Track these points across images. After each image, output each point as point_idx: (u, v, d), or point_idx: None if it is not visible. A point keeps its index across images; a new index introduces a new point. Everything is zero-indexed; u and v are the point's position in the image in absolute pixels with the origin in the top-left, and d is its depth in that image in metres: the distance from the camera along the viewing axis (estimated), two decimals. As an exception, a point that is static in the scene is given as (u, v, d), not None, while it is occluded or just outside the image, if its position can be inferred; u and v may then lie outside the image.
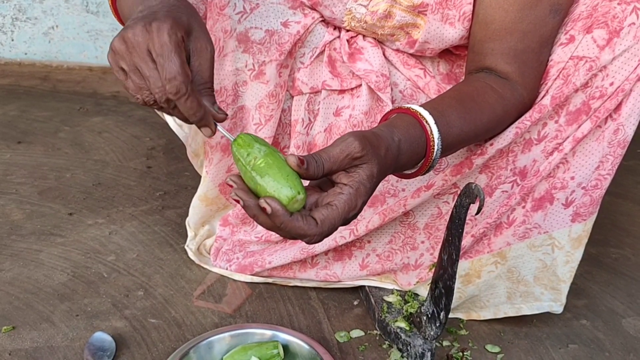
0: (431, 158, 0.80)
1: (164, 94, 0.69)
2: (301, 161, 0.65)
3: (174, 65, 0.68)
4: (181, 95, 0.69)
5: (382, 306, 1.05)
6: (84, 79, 2.29)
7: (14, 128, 1.79)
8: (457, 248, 0.84)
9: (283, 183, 0.64)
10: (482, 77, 0.91)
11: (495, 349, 1.01)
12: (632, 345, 1.04)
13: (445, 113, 0.82)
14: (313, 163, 0.66)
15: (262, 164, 0.66)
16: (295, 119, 1.04)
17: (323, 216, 0.65)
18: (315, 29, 1.03)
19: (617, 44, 0.86)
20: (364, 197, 0.68)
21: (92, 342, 0.94)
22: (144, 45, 0.69)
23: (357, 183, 0.68)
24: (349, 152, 0.68)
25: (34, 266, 1.14)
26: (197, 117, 0.72)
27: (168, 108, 0.72)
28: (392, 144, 0.74)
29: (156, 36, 0.69)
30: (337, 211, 0.66)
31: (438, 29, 0.95)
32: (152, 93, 0.70)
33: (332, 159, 0.67)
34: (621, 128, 0.90)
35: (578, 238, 0.97)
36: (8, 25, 2.37)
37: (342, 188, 0.68)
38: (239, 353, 0.89)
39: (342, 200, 0.67)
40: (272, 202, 0.63)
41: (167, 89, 0.69)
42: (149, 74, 0.69)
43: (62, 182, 1.48)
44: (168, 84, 0.69)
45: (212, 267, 1.16)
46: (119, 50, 0.70)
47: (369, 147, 0.69)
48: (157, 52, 0.69)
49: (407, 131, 0.77)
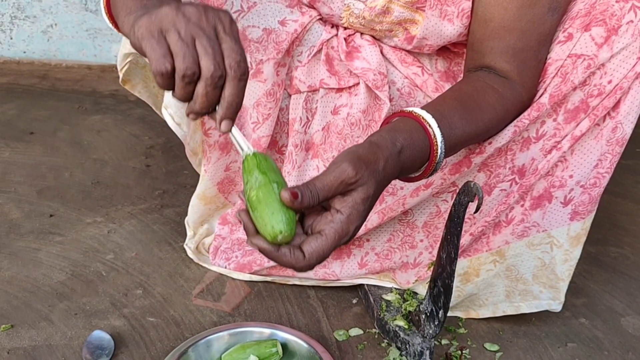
0: (435, 161, 0.80)
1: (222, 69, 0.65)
2: (294, 195, 0.65)
3: (242, 47, 0.67)
4: (244, 78, 0.66)
5: (381, 305, 1.05)
6: (83, 78, 2.29)
7: (13, 127, 1.78)
8: (455, 246, 0.84)
9: (267, 221, 0.66)
10: (482, 76, 0.91)
11: (494, 347, 1.01)
12: (631, 344, 1.04)
13: (447, 115, 0.82)
14: (307, 194, 0.66)
15: (254, 198, 0.68)
16: (293, 117, 1.04)
17: (311, 249, 0.67)
18: (312, 28, 1.02)
19: (616, 41, 0.85)
20: (357, 222, 0.69)
21: (91, 341, 0.94)
22: (212, 21, 0.66)
23: (349, 209, 0.68)
24: (343, 179, 0.68)
25: (33, 265, 1.14)
26: (237, 106, 0.68)
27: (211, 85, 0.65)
28: (394, 152, 0.74)
29: (228, 19, 0.67)
30: (326, 241, 0.67)
31: (436, 25, 0.95)
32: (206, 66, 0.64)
33: (326, 187, 0.67)
34: (619, 126, 0.89)
35: (577, 236, 0.97)
36: (7, 23, 2.37)
37: (333, 215, 0.68)
38: (237, 352, 0.89)
39: (333, 229, 0.67)
40: (257, 241, 0.67)
41: (234, 67, 0.65)
42: (213, 47, 0.64)
43: (60, 181, 1.47)
44: (237, 62, 0.65)
45: (211, 266, 1.16)
46: (171, 15, 0.64)
47: (363, 169, 0.69)
48: (227, 32, 0.66)
49: (410, 136, 0.77)
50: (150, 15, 0.65)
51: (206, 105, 0.67)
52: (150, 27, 0.64)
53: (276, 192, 0.67)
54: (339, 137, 1.02)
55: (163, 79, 0.65)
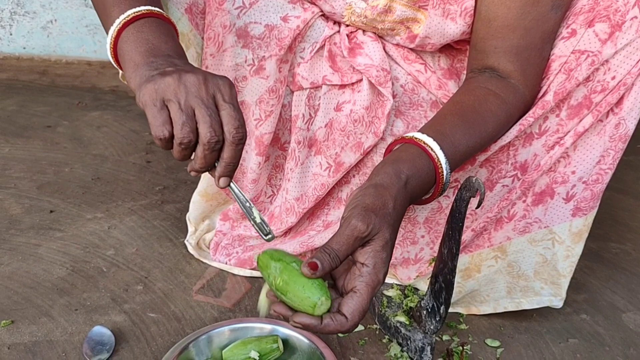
0: (441, 184, 0.81)
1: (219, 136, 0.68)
2: (313, 267, 0.68)
3: (241, 114, 0.70)
4: (242, 142, 0.70)
5: (382, 300, 1.04)
6: (83, 74, 2.29)
7: (13, 123, 1.78)
8: (457, 242, 0.84)
9: (302, 296, 0.69)
10: (483, 82, 0.91)
11: (495, 343, 1.01)
12: (632, 339, 1.04)
13: (449, 134, 0.83)
14: (327, 259, 0.69)
15: (281, 283, 0.70)
16: (296, 114, 1.04)
17: (351, 309, 0.69)
18: (315, 24, 1.02)
19: (619, 37, 0.85)
20: (384, 269, 0.71)
21: (92, 337, 0.94)
22: (211, 90, 0.69)
23: (373, 260, 0.71)
24: (356, 236, 0.70)
25: (33, 260, 1.14)
26: (234, 167, 0.72)
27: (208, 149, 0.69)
28: (400, 186, 0.76)
29: (227, 86, 0.71)
30: (361, 297, 0.69)
31: (439, 24, 0.95)
32: (204, 133, 0.68)
33: (343, 248, 0.70)
34: (622, 122, 0.89)
35: (578, 233, 0.97)
36: (6, 19, 2.36)
37: (361, 270, 0.71)
38: (238, 347, 0.89)
39: (364, 283, 0.70)
40: (300, 318, 0.69)
41: (232, 134, 0.68)
42: (211, 115, 0.68)
43: (60, 177, 1.47)
44: (235, 129, 0.69)
45: (212, 262, 1.16)
46: (173, 86, 0.68)
47: (373, 219, 0.71)
48: (226, 100, 0.70)
49: (413, 165, 0.78)
50: (155, 84, 0.69)
51: (204, 166, 0.71)
52: (153, 96, 0.68)
53: (298, 270, 0.70)
54: (342, 133, 1.02)
55: (162, 143, 0.69)
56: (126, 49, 0.77)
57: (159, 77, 0.69)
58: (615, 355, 1.00)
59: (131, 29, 0.77)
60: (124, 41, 0.77)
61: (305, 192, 1.07)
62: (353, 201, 0.73)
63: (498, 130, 0.89)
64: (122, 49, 0.78)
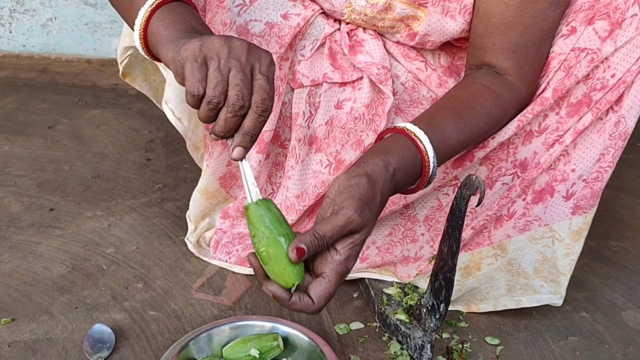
0: (427, 176, 0.82)
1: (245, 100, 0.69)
2: (300, 253, 0.70)
3: (273, 89, 0.71)
4: (266, 114, 0.71)
5: (382, 298, 1.04)
6: (83, 72, 2.28)
7: (13, 120, 1.78)
8: (457, 240, 0.84)
9: (280, 276, 0.71)
10: (479, 78, 0.91)
11: (494, 341, 1.01)
12: (632, 337, 1.05)
13: (440, 127, 0.84)
14: (314, 245, 0.71)
15: (264, 254, 0.72)
16: (296, 112, 1.04)
17: (318, 294, 0.72)
18: (315, 21, 1.02)
19: (619, 35, 0.85)
20: (355, 260, 0.74)
21: (92, 334, 0.94)
22: (251, 59, 0.70)
23: (348, 251, 0.73)
24: (351, 228, 0.72)
25: (33, 258, 1.14)
26: (253, 138, 0.72)
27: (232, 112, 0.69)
28: (387, 178, 0.77)
29: (268, 60, 0.72)
30: (329, 283, 0.72)
31: (439, 21, 0.95)
32: (232, 94, 0.69)
33: (334, 236, 0.72)
34: (622, 120, 0.89)
35: (578, 231, 0.97)
36: (6, 17, 2.36)
37: (333, 257, 0.73)
38: (238, 345, 0.89)
39: (333, 270, 0.72)
40: (272, 287, 0.72)
41: (257, 103, 0.69)
42: (243, 79, 0.69)
43: (60, 175, 1.47)
44: (262, 100, 0.70)
45: (212, 260, 1.16)
46: (218, 45, 0.70)
47: (367, 213, 0.72)
48: (263, 72, 0.71)
49: (402, 157, 0.79)
50: (202, 41, 0.70)
51: (224, 130, 0.71)
52: (196, 51, 0.70)
53: (284, 247, 0.71)
54: (342, 131, 1.02)
55: (193, 100, 0.70)
56: (161, 28, 0.78)
57: (207, 38, 0.71)
58: (614, 353, 1.00)
59: (165, 9, 0.78)
60: (159, 20, 0.78)
61: (306, 190, 1.07)
62: (347, 189, 0.74)
63: (491, 127, 0.90)
64: (155, 27, 0.78)
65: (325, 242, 0.71)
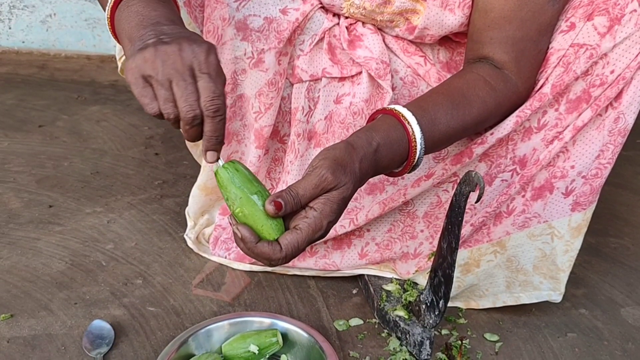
0: (413, 158, 0.82)
1: (195, 110, 0.68)
2: (278, 207, 0.70)
3: (220, 84, 0.70)
4: (219, 114, 0.70)
5: (381, 295, 1.05)
6: (82, 68, 2.28)
7: (12, 117, 1.78)
8: (456, 237, 0.84)
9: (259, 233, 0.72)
10: (476, 69, 0.91)
11: (493, 337, 1.01)
12: (631, 334, 1.05)
13: (431, 110, 0.84)
14: (290, 201, 0.71)
15: (240, 215, 0.73)
16: (295, 106, 1.03)
17: (287, 241, 0.71)
18: (314, 16, 1.02)
19: (618, 31, 0.85)
20: (330, 218, 0.73)
21: (91, 330, 0.94)
22: (187, 60, 0.69)
23: (322, 206, 0.72)
24: (323, 186, 0.72)
25: (32, 254, 1.14)
26: (218, 139, 0.71)
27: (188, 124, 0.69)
28: (369, 151, 0.77)
29: (204, 55, 0.70)
30: (300, 235, 0.71)
31: (438, 15, 0.95)
32: (180, 107, 0.68)
33: (308, 193, 0.72)
34: (622, 116, 0.89)
35: (577, 227, 0.97)
36: (5, 13, 2.35)
37: (308, 212, 0.72)
38: (237, 341, 0.89)
39: (307, 224, 0.71)
40: (242, 228, 0.71)
41: (206, 106, 0.68)
42: (186, 88, 0.68)
43: (60, 171, 1.47)
44: (210, 101, 0.68)
45: (211, 256, 1.16)
46: (150, 60, 0.68)
47: (341, 173, 0.72)
48: (202, 70, 0.69)
49: (387, 134, 0.79)
50: (134, 61, 0.69)
51: (191, 139, 0.72)
52: (135, 74, 0.69)
53: (258, 204, 0.72)
54: (341, 126, 1.02)
55: (158, 118, 0.70)
56: (120, 27, 0.77)
57: (138, 53, 0.69)
58: (613, 350, 1.00)
59: (122, 5, 0.77)
60: (118, 20, 0.78)
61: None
62: (324, 152, 0.74)
63: (484, 117, 0.89)
64: (118, 28, 0.78)
65: (299, 199, 0.71)
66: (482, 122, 0.90)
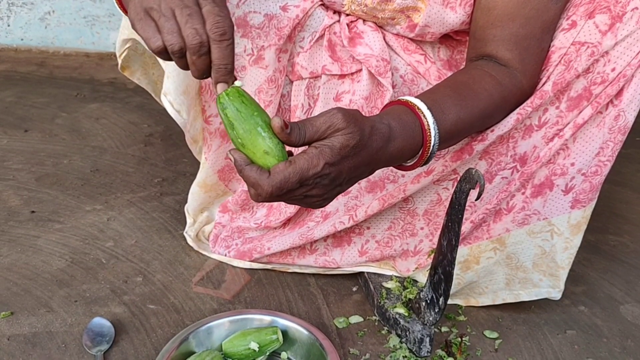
0: (429, 143, 0.79)
1: (201, 35, 0.66)
2: (285, 125, 0.67)
3: (225, 9, 0.68)
4: (226, 39, 0.67)
5: (381, 292, 1.05)
6: (81, 65, 2.28)
7: (11, 114, 1.77)
8: (456, 234, 0.84)
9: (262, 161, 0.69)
10: (480, 65, 0.91)
11: (493, 334, 1.01)
12: (630, 331, 1.05)
13: (440, 101, 0.82)
14: (296, 130, 0.68)
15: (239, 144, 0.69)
16: (295, 104, 1.03)
17: (277, 169, 0.67)
18: (314, 13, 1.02)
19: (620, 29, 0.85)
20: (327, 159, 0.69)
21: (91, 328, 0.94)
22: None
23: (323, 146, 0.69)
24: (331, 124, 0.69)
25: (32, 252, 1.14)
26: (227, 68, 0.68)
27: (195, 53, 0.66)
28: (380, 124, 0.74)
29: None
30: (293, 168, 0.67)
31: (439, 12, 0.95)
32: (185, 35, 0.66)
33: (314, 127, 0.69)
34: (622, 114, 0.89)
35: (577, 224, 0.97)
36: (4, 10, 2.35)
37: (308, 149, 0.70)
38: (238, 338, 0.89)
39: (303, 158, 0.68)
40: (235, 153, 0.69)
41: (212, 30, 0.66)
42: (190, 15, 0.66)
43: (59, 169, 1.47)
44: (215, 24, 0.66)
45: (211, 254, 1.16)
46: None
47: (352, 121, 0.69)
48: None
49: (399, 117, 0.77)
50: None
51: (198, 74, 0.68)
52: (137, 9, 0.67)
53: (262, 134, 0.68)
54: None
55: (163, 56, 0.67)
56: None
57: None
58: (612, 347, 1.01)
59: None
60: None
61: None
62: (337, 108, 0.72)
63: (491, 111, 0.88)
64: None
65: (305, 132, 0.68)
66: (489, 116, 0.89)
